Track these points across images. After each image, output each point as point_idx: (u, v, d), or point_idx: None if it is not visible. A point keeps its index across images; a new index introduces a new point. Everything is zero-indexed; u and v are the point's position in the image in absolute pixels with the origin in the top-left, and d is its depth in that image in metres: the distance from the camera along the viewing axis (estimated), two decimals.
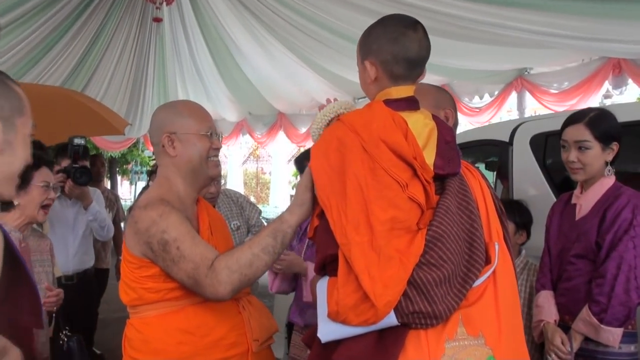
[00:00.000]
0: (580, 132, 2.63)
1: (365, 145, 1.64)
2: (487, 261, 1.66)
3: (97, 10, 7.90)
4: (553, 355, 2.61)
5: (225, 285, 1.85)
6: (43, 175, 3.04)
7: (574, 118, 2.68)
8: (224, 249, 2.09)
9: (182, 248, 1.92)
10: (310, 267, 3.06)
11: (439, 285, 1.57)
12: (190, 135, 2.13)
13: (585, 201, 2.68)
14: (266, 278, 3.07)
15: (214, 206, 3.62)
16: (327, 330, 1.64)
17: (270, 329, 2.26)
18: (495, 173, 4.45)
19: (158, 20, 7.72)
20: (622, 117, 2.75)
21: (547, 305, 2.74)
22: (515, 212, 3.04)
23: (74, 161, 4.17)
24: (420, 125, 1.72)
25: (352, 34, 6.26)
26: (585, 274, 2.61)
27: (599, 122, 2.61)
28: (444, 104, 2.12)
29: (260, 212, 4.01)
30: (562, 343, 2.58)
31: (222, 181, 3.71)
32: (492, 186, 1.92)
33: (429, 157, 1.69)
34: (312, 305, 1.91)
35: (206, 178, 2.21)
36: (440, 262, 1.58)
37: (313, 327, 1.73)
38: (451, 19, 5.46)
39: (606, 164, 2.63)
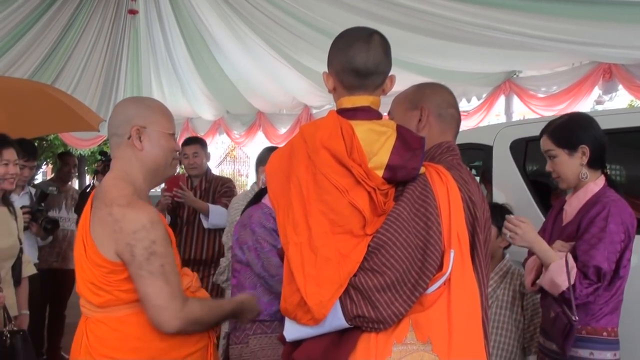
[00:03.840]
0: (545, 142, 2.82)
1: (309, 152, 1.79)
2: (440, 268, 1.76)
3: (68, 1, 7.92)
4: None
5: (181, 324, 2.06)
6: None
7: (542, 130, 2.86)
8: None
9: (167, 269, 2.06)
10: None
11: (381, 291, 1.70)
12: (160, 132, 2.24)
13: (570, 207, 2.80)
14: None
15: None
16: (292, 330, 1.82)
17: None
18: (479, 177, 4.56)
19: (133, 12, 7.78)
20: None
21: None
22: (498, 216, 3.14)
23: (38, 203, 4.70)
24: (374, 133, 1.82)
25: (334, 31, 6.25)
26: None
27: (559, 129, 2.79)
28: (419, 102, 2.15)
29: None
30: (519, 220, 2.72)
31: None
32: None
33: (380, 164, 1.79)
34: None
35: (164, 177, 2.39)
36: (382, 269, 1.70)
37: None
38: (439, 19, 5.55)
39: (582, 167, 2.73)
